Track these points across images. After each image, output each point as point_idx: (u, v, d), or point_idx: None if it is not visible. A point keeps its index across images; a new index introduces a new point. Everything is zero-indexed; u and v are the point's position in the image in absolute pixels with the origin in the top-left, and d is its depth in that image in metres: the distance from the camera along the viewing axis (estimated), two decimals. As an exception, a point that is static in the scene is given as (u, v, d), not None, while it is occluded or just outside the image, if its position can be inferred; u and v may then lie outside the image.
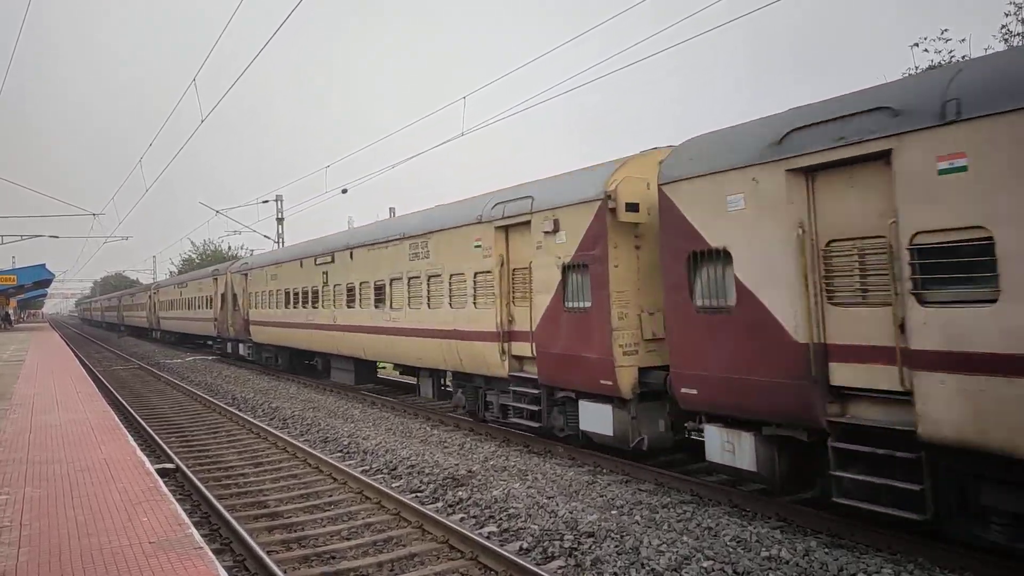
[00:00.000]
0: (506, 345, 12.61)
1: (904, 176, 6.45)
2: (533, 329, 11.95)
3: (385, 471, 11.34)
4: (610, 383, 10.25)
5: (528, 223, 12.00)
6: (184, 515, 7.47)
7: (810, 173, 7.43)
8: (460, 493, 9.65)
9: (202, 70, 18.01)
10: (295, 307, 23.35)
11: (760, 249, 7.88)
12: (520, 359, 12.55)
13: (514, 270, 12.61)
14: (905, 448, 6.61)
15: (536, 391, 12.14)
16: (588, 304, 10.72)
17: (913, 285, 6.40)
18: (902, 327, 6.53)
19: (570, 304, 11.11)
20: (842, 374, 7.21)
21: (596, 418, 10.77)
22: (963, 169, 6.03)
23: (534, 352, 11.96)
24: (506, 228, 12.69)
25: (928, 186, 6.27)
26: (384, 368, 22.43)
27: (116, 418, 13.93)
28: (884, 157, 6.66)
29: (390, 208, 24.90)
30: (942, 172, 6.17)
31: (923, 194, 6.31)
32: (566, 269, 11.14)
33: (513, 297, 12.63)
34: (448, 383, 16.28)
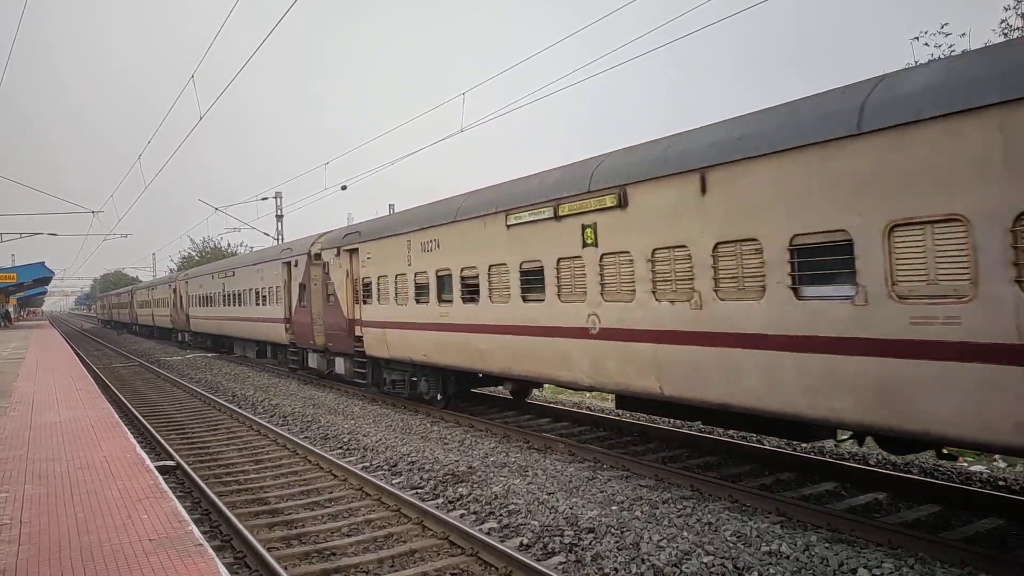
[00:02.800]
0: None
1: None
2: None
3: (385, 468, 11.34)
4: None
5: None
6: (184, 512, 7.46)
7: None
8: (460, 489, 9.65)
9: (200, 67, 17.98)
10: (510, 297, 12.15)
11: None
12: None
13: None
14: None
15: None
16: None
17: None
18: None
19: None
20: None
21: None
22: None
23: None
24: None
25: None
26: None
27: (116, 415, 13.93)
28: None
29: (389, 205, 25.00)
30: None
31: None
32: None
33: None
34: None
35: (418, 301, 15.04)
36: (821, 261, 7.16)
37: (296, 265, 22.53)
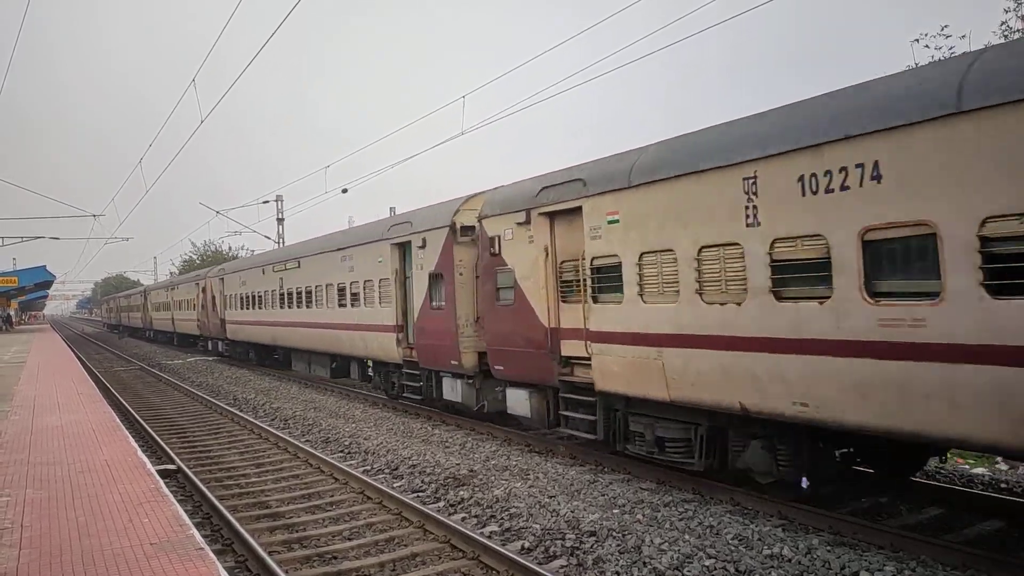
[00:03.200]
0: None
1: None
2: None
3: (387, 471, 11.34)
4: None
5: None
6: (185, 516, 7.46)
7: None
8: (462, 493, 9.64)
9: (201, 70, 18.00)
10: None
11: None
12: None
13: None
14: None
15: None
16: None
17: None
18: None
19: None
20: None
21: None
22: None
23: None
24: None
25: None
26: None
27: (117, 419, 13.93)
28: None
29: (390, 207, 24.86)
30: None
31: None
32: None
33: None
34: None
35: (781, 297, 7.56)
36: None
37: (423, 246, 14.92)
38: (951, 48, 17.77)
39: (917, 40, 18.53)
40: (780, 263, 7.56)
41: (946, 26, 18.33)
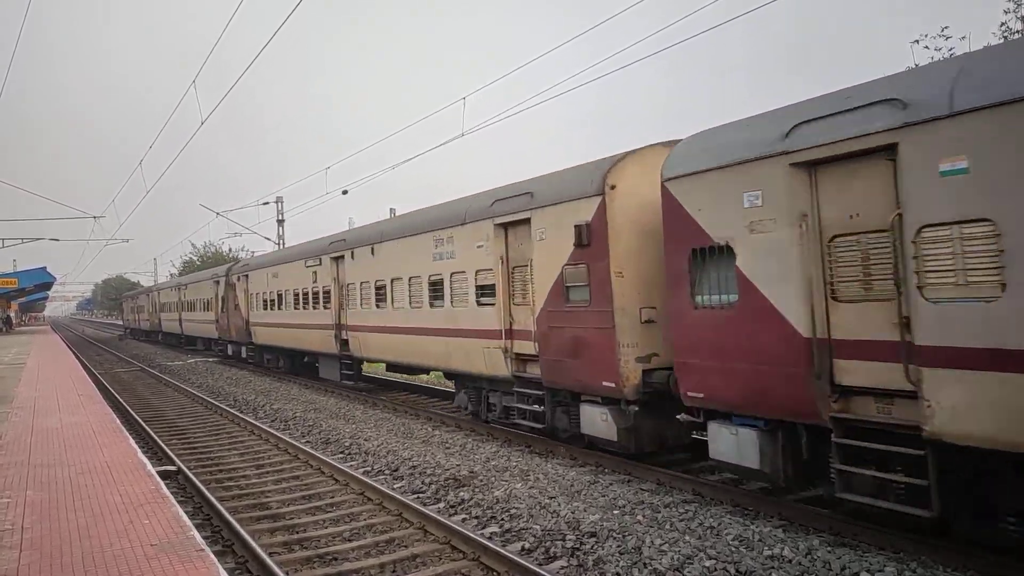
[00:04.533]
0: None
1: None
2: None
3: (387, 472, 11.33)
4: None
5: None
6: (186, 517, 7.46)
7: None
8: (462, 494, 9.64)
9: (202, 72, 18.01)
10: None
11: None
12: None
13: None
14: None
15: None
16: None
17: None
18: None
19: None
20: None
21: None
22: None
23: None
24: None
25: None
26: None
27: (117, 420, 13.92)
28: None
29: (390, 209, 24.82)
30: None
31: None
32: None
33: None
34: None
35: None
36: None
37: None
38: (951, 49, 17.79)
39: (916, 41, 18.54)
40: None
41: (946, 27, 18.33)
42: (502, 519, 8.60)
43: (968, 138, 6.12)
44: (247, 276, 28.25)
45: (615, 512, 8.52)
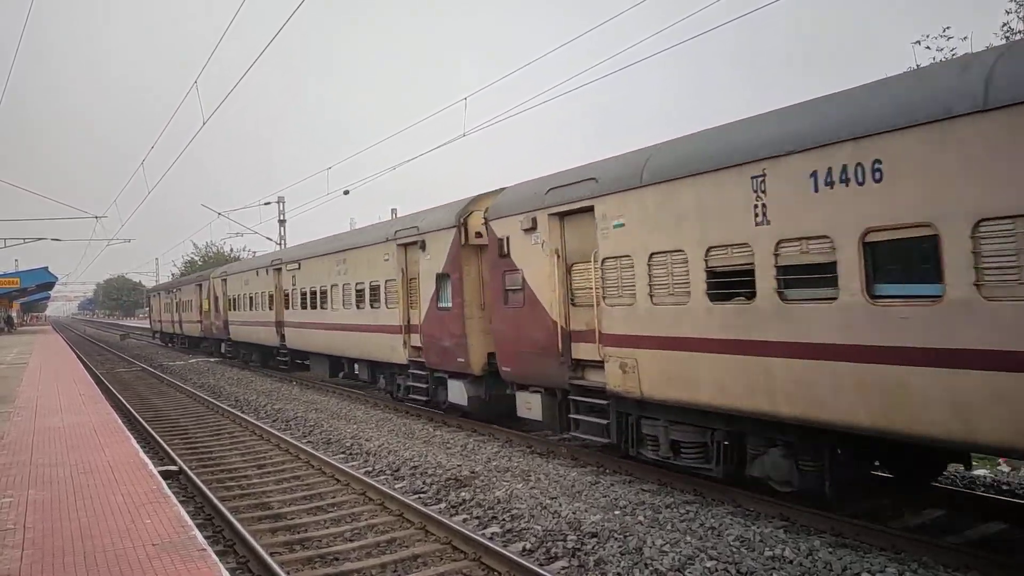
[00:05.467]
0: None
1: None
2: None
3: (388, 472, 11.34)
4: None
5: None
6: (187, 517, 7.47)
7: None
8: (463, 494, 9.65)
9: (204, 72, 18.04)
10: None
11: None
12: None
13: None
14: None
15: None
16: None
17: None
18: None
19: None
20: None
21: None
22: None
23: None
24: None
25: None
26: None
27: (119, 420, 13.95)
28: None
29: (392, 209, 24.83)
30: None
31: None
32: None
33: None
34: None
35: None
36: None
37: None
38: (952, 50, 17.79)
39: (918, 42, 18.52)
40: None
41: (948, 28, 18.31)
42: (503, 519, 8.60)
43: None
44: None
45: (616, 512, 8.53)
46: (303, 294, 22.58)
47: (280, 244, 42.95)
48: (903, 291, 6.54)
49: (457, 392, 14.43)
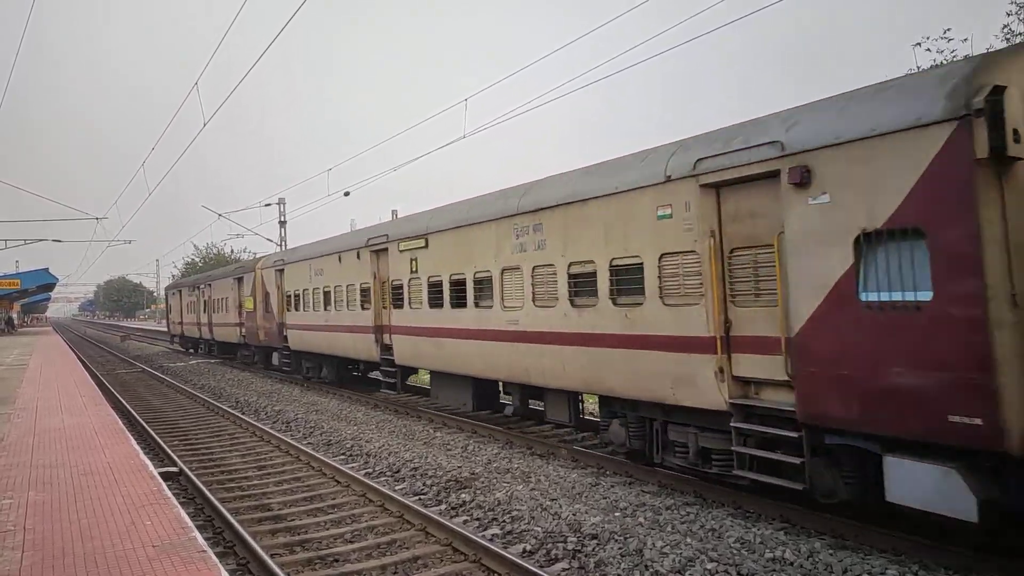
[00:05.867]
0: None
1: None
2: None
3: (388, 474, 11.34)
4: None
5: None
6: (187, 519, 7.46)
7: None
8: (463, 495, 9.64)
9: (204, 74, 18.05)
10: None
11: None
12: None
13: None
14: None
15: None
16: None
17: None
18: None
19: None
20: None
21: None
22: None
23: None
24: None
25: None
26: None
27: (119, 422, 13.94)
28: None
29: (392, 211, 24.72)
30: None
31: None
32: None
33: None
34: None
35: None
36: None
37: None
38: (953, 52, 17.79)
39: (919, 44, 18.52)
40: None
41: (948, 29, 18.30)
42: (503, 521, 8.60)
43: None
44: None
45: (616, 514, 8.52)
46: (434, 285, 14.78)
47: (281, 245, 42.95)
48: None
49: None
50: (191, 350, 42.32)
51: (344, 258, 19.62)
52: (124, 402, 20.06)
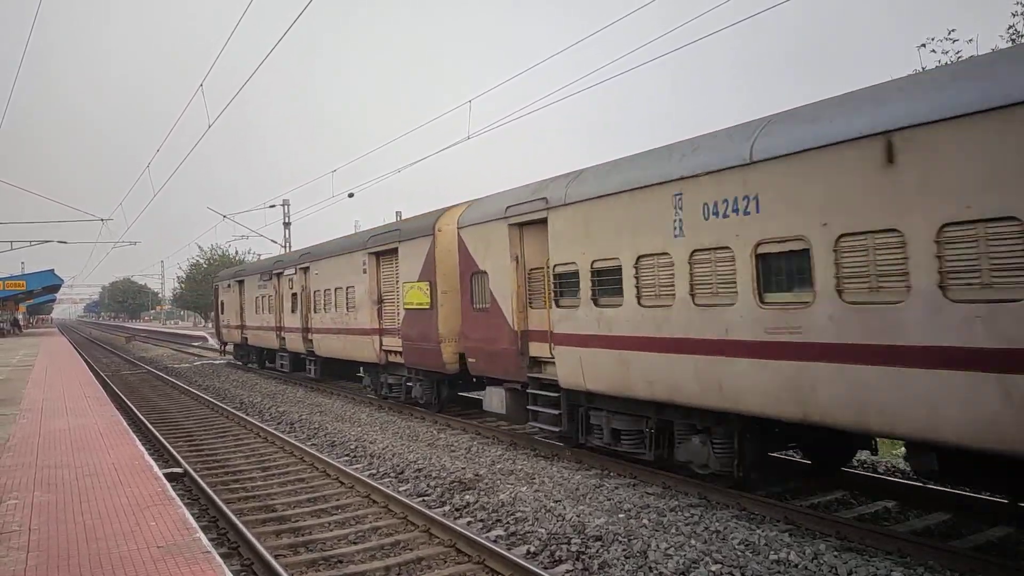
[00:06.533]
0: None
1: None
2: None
3: (392, 475, 11.34)
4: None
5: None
6: (192, 519, 7.48)
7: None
8: (467, 497, 9.64)
9: (209, 76, 18.10)
10: None
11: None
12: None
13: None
14: None
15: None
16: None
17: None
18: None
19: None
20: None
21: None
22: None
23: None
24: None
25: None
26: None
27: (124, 422, 13.98)
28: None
29: (396, 212, 24.71)
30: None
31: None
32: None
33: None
34: None
35: None
36: None
37: None
38: (958, 52, 17.73)
39: (923, 45, 18.45)
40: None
41: (953, 30, 18.23)
42: (507, 522, 8.59)
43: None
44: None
45: (620, 516, 8.51)
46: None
47: (285, 247, 43.02)
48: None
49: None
50: (252, 364, 31.04)
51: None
52: (129, 403, 20.10)
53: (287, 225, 44.25)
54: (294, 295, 23.91)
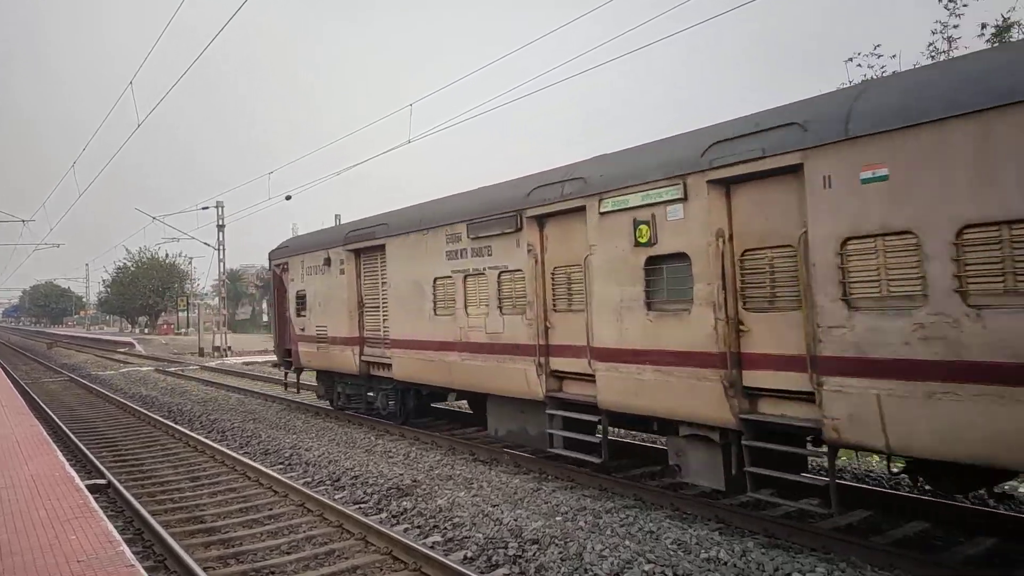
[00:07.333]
0: None
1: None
2: None
3: (328, 482, 11.16)
4: None
5: None
6: (115, 532, 7.23)
7: None
8: (405, 503, 9.57)
9: (139, 73, 17.53)
10: None
11: None
12: None
13: None
14: None
15: None
16: None
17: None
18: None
19: None
20: None
21: None
22: None
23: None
24: None
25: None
26: None
27: (44, 432, 13.38)
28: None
29: (335, 215, 24.34)
30: None
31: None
32: None
33: None
34: None
35: None
36: None
37: None
38: (883, 68, 18.60)
39: (851, 59, 19.33)
40: None
41: (878, 46, 19.18)
42: (445, 528, 8.57)
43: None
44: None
45: (557, 519, 8.58)
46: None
47: (219, 250, 41.92)
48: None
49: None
50: (365, 406, 16.41)
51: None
52: (50, 412, 19.23)
53: (221, 228, 43.15)
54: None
